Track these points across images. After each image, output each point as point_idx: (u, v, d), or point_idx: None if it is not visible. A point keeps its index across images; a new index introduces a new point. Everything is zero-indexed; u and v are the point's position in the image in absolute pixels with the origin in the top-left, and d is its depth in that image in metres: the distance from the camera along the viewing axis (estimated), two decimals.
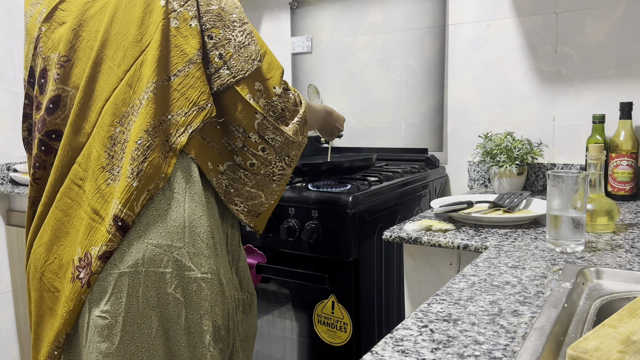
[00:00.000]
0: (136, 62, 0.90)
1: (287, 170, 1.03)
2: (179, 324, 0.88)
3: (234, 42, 0.94)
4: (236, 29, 0.94)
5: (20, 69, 2.19)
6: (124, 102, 0.90)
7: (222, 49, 0.93)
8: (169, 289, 0.87)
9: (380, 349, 0.60)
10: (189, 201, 0.90)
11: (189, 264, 0.88)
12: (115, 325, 0.85)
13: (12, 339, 2.23)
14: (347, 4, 2.00)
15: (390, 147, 1.95)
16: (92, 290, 0.86)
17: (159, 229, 0.87)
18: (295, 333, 1.46)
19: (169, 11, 0.90)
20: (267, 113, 0.96)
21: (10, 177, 2.16)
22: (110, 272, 0.85)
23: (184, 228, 0.88)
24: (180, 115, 0.90)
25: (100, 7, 0.94)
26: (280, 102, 0.98)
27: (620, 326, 0.58)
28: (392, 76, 1.92)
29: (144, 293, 0.86)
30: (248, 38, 0.95)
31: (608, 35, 1.54)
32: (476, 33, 1.75)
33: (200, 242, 0.90)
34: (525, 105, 1.69)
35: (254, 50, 0.95)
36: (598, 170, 1.09)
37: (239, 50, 0.94)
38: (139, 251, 0.86)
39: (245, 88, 0.94)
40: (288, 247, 1.38)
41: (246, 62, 0.94)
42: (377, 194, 1.40)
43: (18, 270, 2.16)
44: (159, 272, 0.86)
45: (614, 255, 0.94)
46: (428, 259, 1.18)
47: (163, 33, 0.90)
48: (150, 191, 0.87)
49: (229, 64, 0.93)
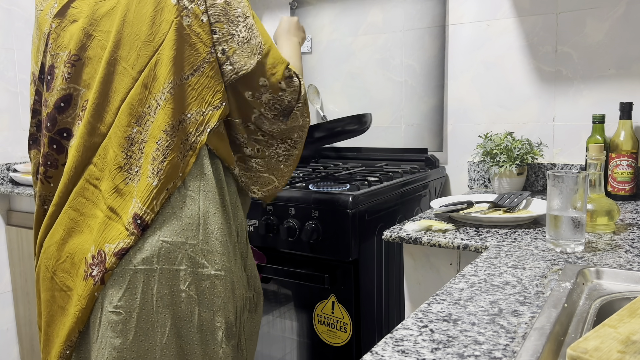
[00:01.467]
0: (150, 61, 0.90)
1: (293, 151, 1.05)
2: (192, 322, 0.89)
3: (238, 38, 0.93)
4: (240, 24, 0.94)
5: (20, 69, 2.19)
6: (140, 103, 0.90)
7: (226, 44, 0.92)
8: (182, 285, 0.88)
9: (380, 349, 0.60)
10: (203, 199, 0.91)
11: (203, 261, 0.89)
12: (129, 321, 0.85)
13: (12, 339, 2.23)
14: (347, 4, 2.00)
15: (390, 147, 1.95)
16: (106, 286, 0.86)
17: (173, 226, 0.88)
18: (295, 333, 1.46)
19: (180, 8, 0.90)
20: (272, 107, 0.97)
21: (10, 177, 2.16)
22: (125, 267, 0.86)
23: (198, 225, 0.89)
24: (199, 114, 0.91)
25: (111, 7, 0.94)
26: (287, 95, 0.97)
27: (620, 326, 0.58)
28: (392, 76, 1.92)
29: (159, 290, 0.86)
30: (250, 32, 0.94)
31: (608, 35, 1.54)
32: (476, 33, 1.75)
33: (214, 239, 0.91)
34: (525, 105, 1.69)
35: (255, 45, 0.94)
36: (598, 170, 1.09)
37: (242, 45, 0.93)
38: (154, 248, 0.86)
39: (245, 84, 0.94)
40: (288, 247, 1.38)
41: (249, 58, 0.93)
42: (377, 194, 1.40)
43: (18, 270, 2.16)
44: (173, 270, 0.87)
45: (614, 255, 0.94)
46: (428, 259, 1.18)
47: (177, 31, 0.90)
48: (170, 190, 0.88)
49: (232, 60, 0.92)
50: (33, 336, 2.15)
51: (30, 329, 2.15)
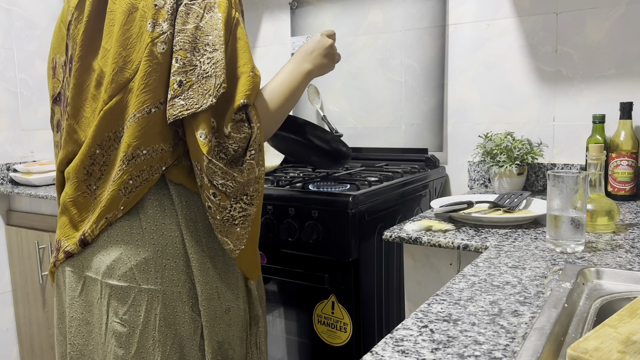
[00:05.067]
0: (123, 89, 0.88)
1: (250, 209, 0.90)
2: (194, 340, 0.92)
3: (198, 70, 0.84)
4: (205, 54, 0.84)
5: (20, 69, 2.19)
6: (107, 127, 0.89)
7: (184, 76, 0.84)
8: (186, 307, 0.91)
9: (380, 349, 0.60)
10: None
11: (202, 281, 0.92)
12: (132, 335, 0.89)
13: (12, 339, 2.23)
14: (347, 4, 2.00)
15: (390, 147, 1.95)
16: (112, 296, 0.90)
17: (176, 250, 0.91)
18: (295, 333, 1.46)
19: (155, 35, 0.85)
20: (217, 156, 0.84)
21: (10, 177, 2.16)
22: (131, 285, 0.89)
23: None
24: (156, 151, 0.88)
25: (111, 18, 0.90)
26: (232, 143, 0.85)
27: (620, 326, 0.58)
28: (392, 76, 1.92)
29: (162, 311, 0.90)
30: (212, 68, 0.84)
31: (608, 35, 1.54)
32: (476, 33, 1.75)
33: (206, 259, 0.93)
34: (526, 105, 1.69)
35: (212, 85, 0.83)
36: (598, 170, 1.09)
37: (200, 80, 0.84)
38: (157, 270, 0.89)
39: (199, 123, 0.84)
40: (288, 247, 1.38)
41: (202, 96, 0.83)
42: (377, 194, 1.40)
43: (18, 270, 2.16)
44: (177, 292, 0.91)
45: (614, 255, 0.94)
46: (428, 259, 1.18)
47: (149, 60, 0.85)
48: (109, 219, 0.90)
49: (186, 95, 0.83)
50: (33, 336, 2.15)
51: (30, 328, 2.15)
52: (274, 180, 1.55)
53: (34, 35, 2.23)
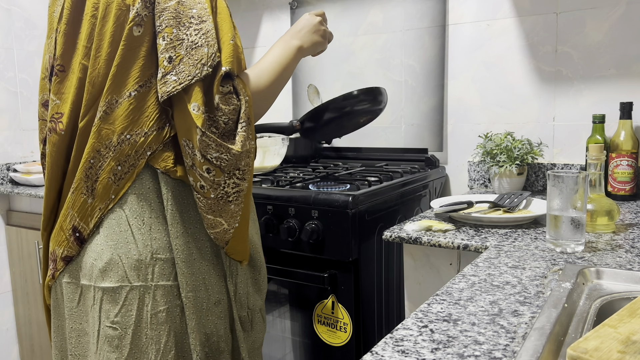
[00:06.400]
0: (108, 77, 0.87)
1: (242, 184, 0.89)
2: (187, 334, 0.92)
3: (187, 42, 0.83)
4: (192, 27, 0.83)
5: (20, 69, 2.19)
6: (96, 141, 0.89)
7: (173, 51, 0.83)
8: (178, 301, 0.91)
9: (380, 349, 0.60)
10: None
11: (186, 273, 0.91)
12: (125, 337, 0.88)
13: (12, 339, 2.23)
14: (347, 4, 2.00)
15: (390, 147, 1.95)
16: (104, 300, 0.89)
17: (165, 243, 0.90)
18: (295, 333, 1.46)
19: (136, 21, 0.85)
20: (209, 129, 0.83)
21: (10, 177, 2.16)
22: (122, 285, 0.88)
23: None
24: (139, 135, 0.87)
25: (91, 14, 0.89)
26: (221, 115, 0.84)
27: (620, 326, 0.58)
28: (392, 76, 1.92)
29: (153, 307, 0.89)
30: (202, 38, 0.83)
31: (608, 35, 1.54)
32: (476, 33, 1.75)
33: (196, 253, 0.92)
34: (526, 105, 1.69)
35: (205, 54, 0.82)
36: (598, 170, 1.09)
37: (190, 52, 0.82)
38: (148, 265, 0.89)
39: (192, 96, 0.82)
40: (288, 247, 1.38)
41: (194, 67, 0.82)
42: (377, 194, 1.40)
43: (18, 270, 2.16)
44: (168, 286, 0.90)
45: (614, 255, 0.94)
46: (428, 259, 1.18)
47: (126, 42, 0.85)
48: (102, 210, 0.89)
49: (178, 69, 0.82)
50: (33, 336, 2.15)
51: (30, 328, 2.15)
52: (274, 180, 1.55)
53: (34, 35, 2.23)
